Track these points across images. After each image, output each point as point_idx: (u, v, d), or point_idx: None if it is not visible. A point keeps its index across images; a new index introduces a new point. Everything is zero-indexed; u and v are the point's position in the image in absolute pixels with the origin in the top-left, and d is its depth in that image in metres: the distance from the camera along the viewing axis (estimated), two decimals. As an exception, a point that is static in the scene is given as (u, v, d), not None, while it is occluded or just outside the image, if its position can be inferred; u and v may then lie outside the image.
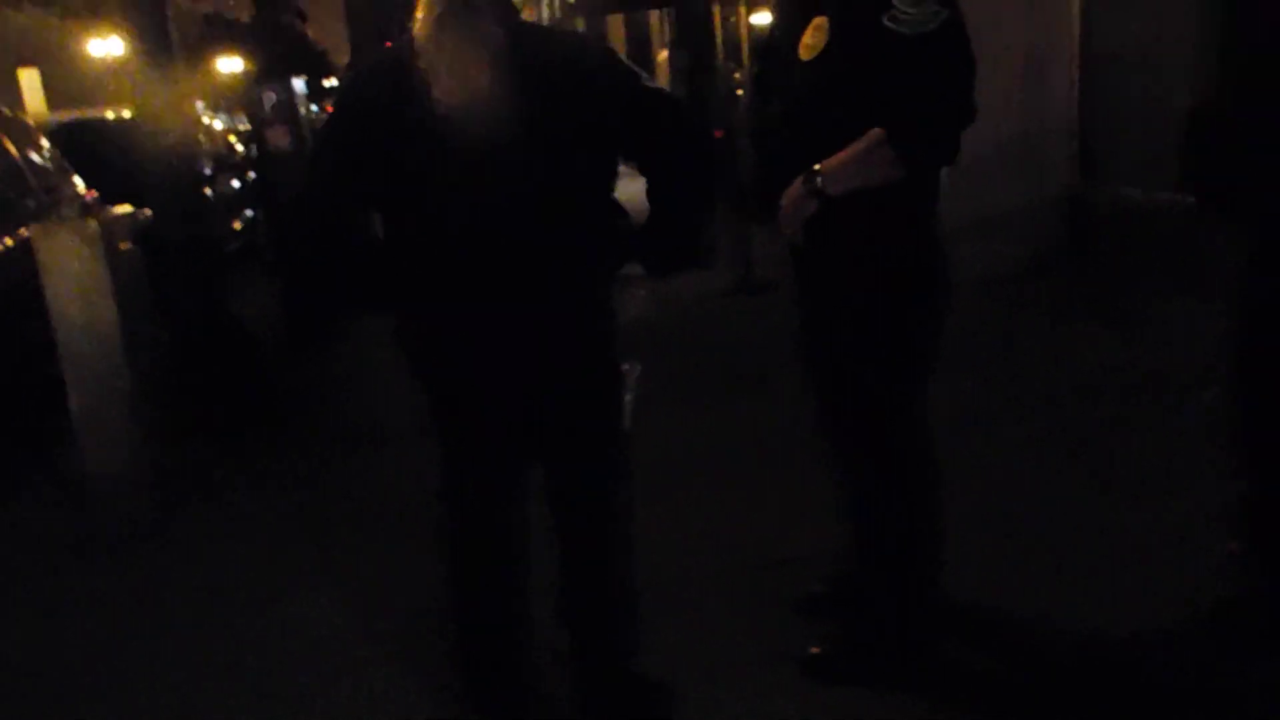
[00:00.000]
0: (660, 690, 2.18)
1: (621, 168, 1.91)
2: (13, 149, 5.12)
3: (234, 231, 7.72)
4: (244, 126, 9.15)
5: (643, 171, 1.89)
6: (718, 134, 5.28)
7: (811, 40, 2.00)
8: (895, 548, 2.19)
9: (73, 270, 3.28)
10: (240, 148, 9.01)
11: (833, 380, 2.21)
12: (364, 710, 2.33)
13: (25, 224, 4.34)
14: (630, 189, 1.93)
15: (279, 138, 5.26)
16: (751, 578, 2.65)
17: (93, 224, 3.37)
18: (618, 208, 1.91)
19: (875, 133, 1.90)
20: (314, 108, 7.01)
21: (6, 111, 5.64)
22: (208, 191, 6.56)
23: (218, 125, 8.73)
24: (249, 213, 7.99)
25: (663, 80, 7.86)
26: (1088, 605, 2.41)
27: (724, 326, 5.05)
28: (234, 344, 4.51)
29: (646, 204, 1.91)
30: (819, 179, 1.97)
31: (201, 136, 7.28)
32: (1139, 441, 3.19)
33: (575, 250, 1.84)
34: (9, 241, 4.52)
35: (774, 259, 5.12)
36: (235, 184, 8.09)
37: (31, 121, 6.21)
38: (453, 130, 1.73)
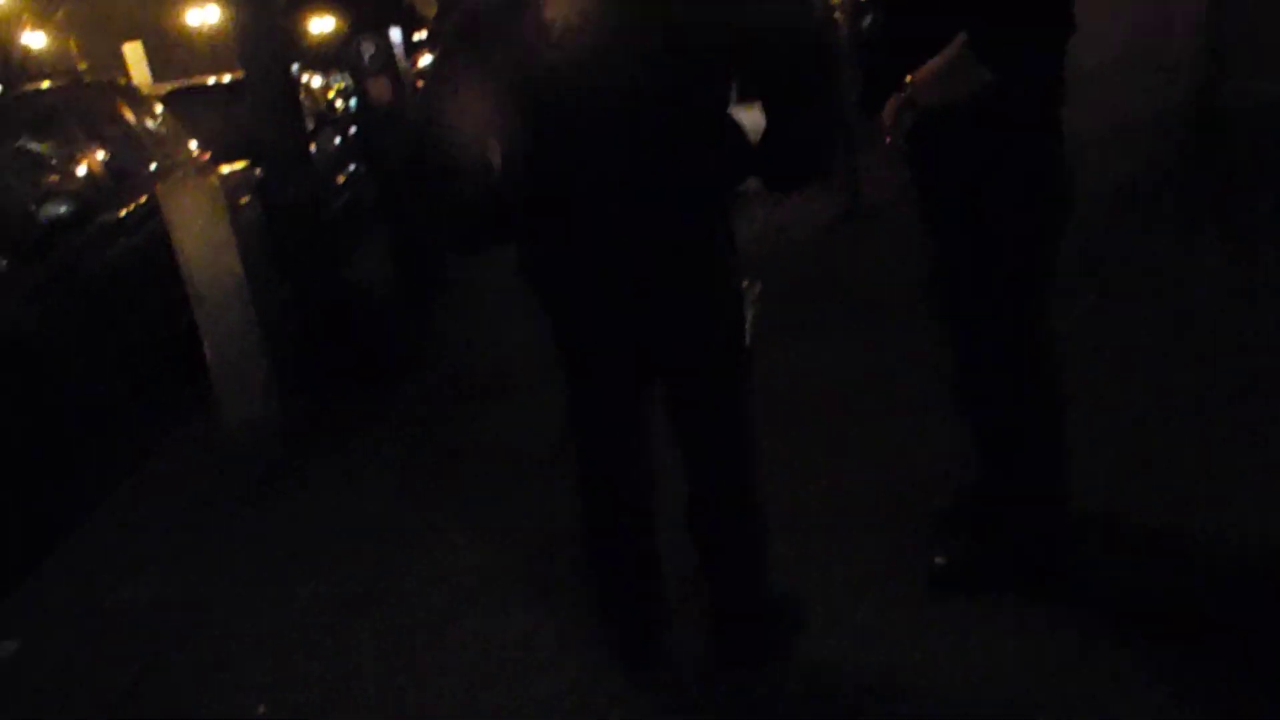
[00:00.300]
0: (790, 603, 2.19)
1: None
2: (131, 116, 5.33)
3: (338, 187, 7.89)
4: (340, 84, 9.29)
5: (756, 85, 1.83)
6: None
7: None
8: (1028, 462, 2.14)
9: (199, 225, 3.41)
10: (339, 104, 9.17)
11: (959, 299, 2.14)
12: (494, 634, 2.41)
13: (149, 186, 4.52)
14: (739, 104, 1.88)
15: (380, 89, 5.27)
16: (874, 498, 2.63)
17: (214, 180, 3.49)
18: (733, 123, 1.86)
19: (960, 39, 1.83)
20: (405, 62, 7.03)
21: (123, 80, 5.85)
22: (311, 148, 6.70)
23: (315, 83, 8.87)
24: (351, 167, 8.14)
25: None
26: (1217, 518, 2.32)
27: (834, 253, 4.96)
28: (348, 298, 4.61)
29: (758, 119, 1.86)
30: (911, 90, 1.92)
31: (302, 95, 7.42)
32: (1273, 356, 3.01)
33: (695, 167, 1.80)
34: (136, 204, 4.72)
35: (883, 185, 5.01)
36: (336, 140, 8.24)
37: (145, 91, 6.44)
38: (567, 52, 1.71)
